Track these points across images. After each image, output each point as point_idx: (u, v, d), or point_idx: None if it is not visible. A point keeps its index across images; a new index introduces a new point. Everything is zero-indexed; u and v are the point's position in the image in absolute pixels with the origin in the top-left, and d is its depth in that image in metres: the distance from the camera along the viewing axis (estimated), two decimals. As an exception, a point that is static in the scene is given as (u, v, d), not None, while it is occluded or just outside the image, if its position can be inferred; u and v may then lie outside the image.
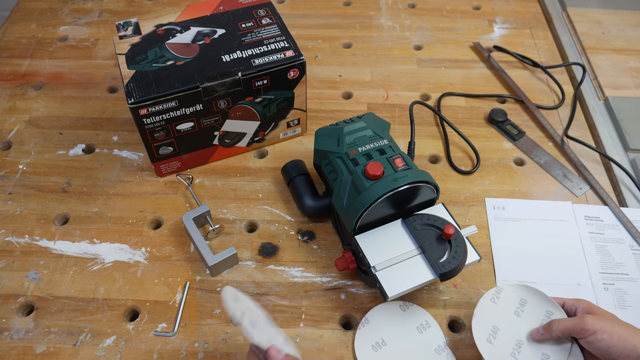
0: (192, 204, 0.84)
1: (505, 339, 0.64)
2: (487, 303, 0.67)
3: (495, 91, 1.02)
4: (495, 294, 0.68)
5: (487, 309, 0.67)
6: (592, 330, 0.59)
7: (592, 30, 1.14)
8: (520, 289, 0.68)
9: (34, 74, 1.03)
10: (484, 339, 0.64)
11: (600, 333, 0.58)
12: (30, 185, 0.85)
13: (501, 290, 0.68)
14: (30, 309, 0.73)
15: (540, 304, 0.66)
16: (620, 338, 0.58)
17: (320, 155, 0.77)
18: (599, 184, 0.86)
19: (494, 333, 0.65)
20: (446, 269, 0.65)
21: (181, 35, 0.82)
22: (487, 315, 0.66)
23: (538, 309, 0.66)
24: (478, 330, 0.65)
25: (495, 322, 0.66)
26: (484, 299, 0.68)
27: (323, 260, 0.77)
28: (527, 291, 0.68)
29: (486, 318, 0.66)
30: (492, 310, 0.67)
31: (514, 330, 0.65)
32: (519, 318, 0.66)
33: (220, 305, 0.73)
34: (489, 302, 0.67)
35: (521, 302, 0.67)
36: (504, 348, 0.63)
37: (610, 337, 0.58)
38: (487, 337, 0.64)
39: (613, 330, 0.58)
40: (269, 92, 0.81)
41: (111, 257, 0.77)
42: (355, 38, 1.12)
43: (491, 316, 0.66)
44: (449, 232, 0.66)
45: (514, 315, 0.66)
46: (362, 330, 0.70)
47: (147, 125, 0.76)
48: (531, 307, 0.66)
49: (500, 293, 0.68)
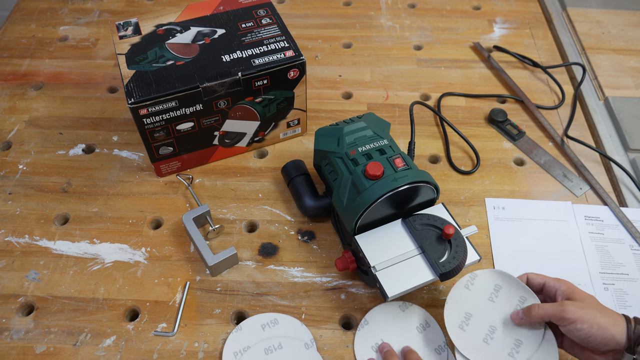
0: (192, 204, 0.84)
1: (478, 325, 0.64)
2: (461, 289, 0.67)
3: (495, 91, 1.02)
4: (470, 280, 0.68)
5: (461, 295, 0.67)
6: (571, 319, 0.58)
7: (592, 30, 1.14)
8: (495, 275, 0.68)
9: (34, 74, 1.03)
10: (456, 325, 0.64)
11: (579, 322, 0.58)
12: (30, 185, 0.85)
13: (476, 276, 0.68)
14: (30, 309, 0.73)
15: (514, 290, 0.66)
16: (600, 327, 0.57)
17: (320, 155, 0.77)
18: (599, 184, 0.86)
19: (467, 319, 0.65)
20: (446, 269, 0.65)
21: (181, 35, 0.82)
22: (460, 302, 0.66)
23: (512, 295, 0.66)
24: (450, 317, 0.65)
25: (468, 308, 0.66)
26: (458, 285, 0.68)
27: (323, 260, 0.77)
28: (502, 277, 0.68)
29: (459, 304, 0.66)
30: (465, 297, 0.67)
31: (487, 316, 0.65)
32: (493, 304, 0.66)
33: (220, 305, 0.73)
34: (463, 289, 0.67)
35: (495, 287, 0.67)
36: (476, 334, 0.64)
37: (590, 326, 0.57)
38: (459, 324, 0.65)
39: (593, 319, 0.58)
40: (269, 92, 0.81)
41: (111, 257, 0.77)
42: (355, 38, 1.12)
43: (465, 302, 0.66)
44: (449, 232, 0.66)
45: (488, 300, 0.66)
46: (361, 331, 0.70)
47: (147, 125, 0.76)
48: (505, 292, 0.66)
49: (474, 279, 0.68)
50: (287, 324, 0.70)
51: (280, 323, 0.70)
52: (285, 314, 0.71)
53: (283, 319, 0.71)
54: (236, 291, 0.74)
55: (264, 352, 0.67)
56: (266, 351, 0.67)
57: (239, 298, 0.73)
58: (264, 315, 0.71)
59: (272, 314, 0.71)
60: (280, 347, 0.68)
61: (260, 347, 0.68)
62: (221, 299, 0.73)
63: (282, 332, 0.70)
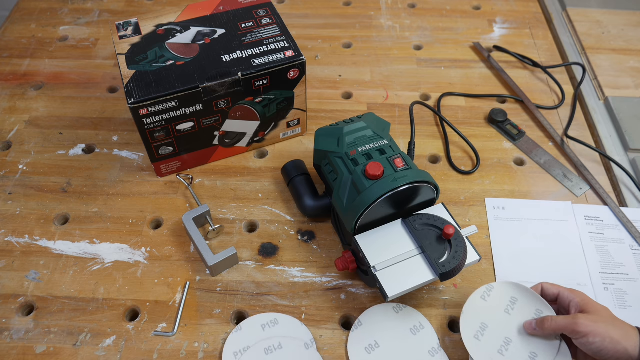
0: (192, 204, 0.84)
1: (493, 336, 0.64)
2: (478, 300, 0.67)
3: (495, 91, 1.02)
4: (486, 292, 0.68)
5: (477, 306, 0.67)
6: (584, 332, 0.58)
7: (592, 30, 1.14)
8: (511, 287, 0.68)
9: (34, 74, 1.03)
10: (471, 335, 0.64)
11: (592, 336, 0.58)
12: (30, 185, 0.85)
13: (492, 288, 0.68)
14: (30, 309, 0.73)
15: (530, 303, 0.66)
16: (613, 341, 0.57)
17: (320, 155, 0.77)
18: (599, 184, 0.86)
19: (482, 330, 0.65)
20: (446, 269, 0.65)
21: (181, 35, 0.82)
22: (476, 313, 0.66)
23: (528, 308, 0.66)
24: (466, 326, 0.65)
25: (484, 319, 0.66)
26: (474, 296, 0.68)
27: (323, 260, 0.77)
28: (518, 289, 0.68)
29: (475, 315, 0.66)
30: (482, 308, 0.67)
31: (503, 327, 0.65)
32: (509, 316, 0.66)
33: (220, 305, 0.73)
34: (479, 300, 0.67)
35: (512, 300, 0.67)
36: (491, 345, 0.64)
37: (603, 340, 0.57)
38: (475, 334, 0.64)
39: (606, 333, 0.58)
40: (269, 92, 0.81)
41: (111, 257, 0.77)
42: (355, 38, 1.12)
43: (481, 313, 0.66)
44: (449, 232, 0.66)
45: (504, 313, 0.66)
46: (355, 333, 0.70)
47: (147, 125, 0.76)
48: (521, 305, 0.66)
49: (491, 291, 0.68)
50: (287, 324, 0.70)
51: (280, 323, 0.70)
52: (285, 314, 0.71)
53: (283, 319, 0.71)
54: (236, 291, 0.74)
55: (264, 352, 0.67)
56: (266, 351, 0.67)
57: (239, 298, 0.73)
58: (264, 315, 0.71)
59: (272, 314, 0.71)
60: (280, 347, 0.68)
61: (260, 347, 0.68)
62: (221, 299, 0.73)
63: (282, 332, 0.70)
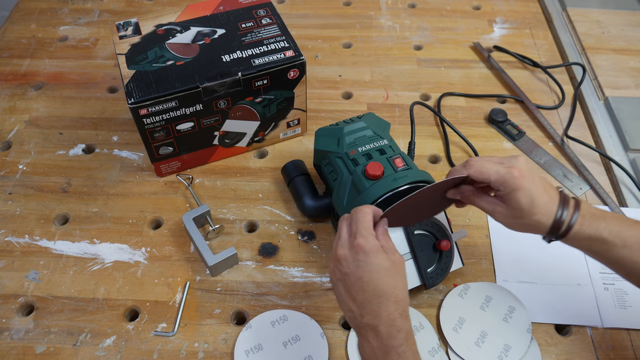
0: (192, 204, 0.84)
1: (470, 329, 0.70)
2: (455, 297, 0.73)
3: (495, 91, 1.02)
4: (464, 290, 0.73)
5: (455, 302, 0.72)
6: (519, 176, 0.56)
7: (592, 30, 1.14)
8: (486, 287, 0.74)
9: (34, 74, 1.03)
10: (450, 327, 0.70)
11: (526, 181, 0.56)
12: (30, 185, 0.85)
13: (469, 288, 0.74)
14: (30, 309, 0.73)
15: (503, 300, 0.72)
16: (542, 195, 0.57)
17: (320, 155, 0.77)
18: (599, 184, 0.86)
19: (460, 323, 0.70)
20: (431, 282, 0.70)
21: (181, 35, 0.82)
22: (454, 308, 0.72)
23: (502, 305, 0.72)
24: (445, 319, 0.70)
25: (461, 314, 0.71)
26: (452, 293, 0.73)
27: (323, 260, 0.77)
28: (492, 288, 0.73)
29: (454, 310, 0.71)
30: (459, 304, 0.72)
31: (479, 322, 0.70)
32: (484, 312, 0.71)
33: (220, 305, 0.73)
34: (457, 297, 0.73)
35: (486, 298, 0.73)
36: (469, 337, 0.69)
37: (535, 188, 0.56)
38: (453, 327, 0.70)
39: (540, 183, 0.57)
40: (269, 92, 0.81)
41: (111, 257, 0.77)
42: (355, 38, 1.12)
43: (458, 309, 0.72)
44: (443, 246, 0.69)
45: (480, 309, 0.71)
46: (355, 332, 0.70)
47: (147, 125, 0.76)
48: (495, 302, 0.72)
49: (467, 290, 0.73)
50: (296, 320, 0.71)
51: (290, 319, 0.71)
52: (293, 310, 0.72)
53: (292, 315, 0.71)
54: (236, 291, 0.74)
55: (283, 346, 0.68)
56: (285, 344, 0.68)
57: (239, 298, 0.73)
58: (272, 312, 0.71)
59: (281, 311, 0.71)
60: (298, 339, 0.69)
61: (278, 341, 0.69)
62: (221, 299, 0.73)
63: (294, 327, 0.70)
